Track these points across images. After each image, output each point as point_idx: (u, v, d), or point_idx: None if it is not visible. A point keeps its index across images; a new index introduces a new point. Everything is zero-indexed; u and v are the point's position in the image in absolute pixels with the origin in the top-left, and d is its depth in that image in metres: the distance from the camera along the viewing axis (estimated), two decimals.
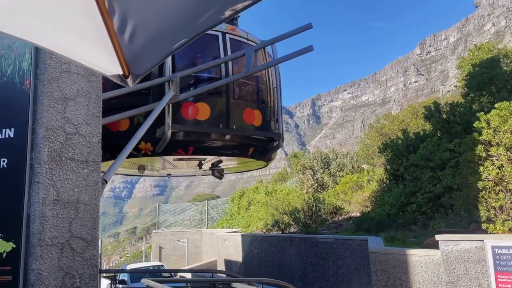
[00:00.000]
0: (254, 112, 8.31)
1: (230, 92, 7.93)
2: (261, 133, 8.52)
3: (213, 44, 7.99)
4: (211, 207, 28.48)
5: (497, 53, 16.02)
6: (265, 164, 9.78)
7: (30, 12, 1.44)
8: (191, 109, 7.58)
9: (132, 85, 1.76)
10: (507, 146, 7.69)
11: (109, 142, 7.00)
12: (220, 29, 8.07)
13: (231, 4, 1.34)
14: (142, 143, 7.42)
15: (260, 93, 8.82)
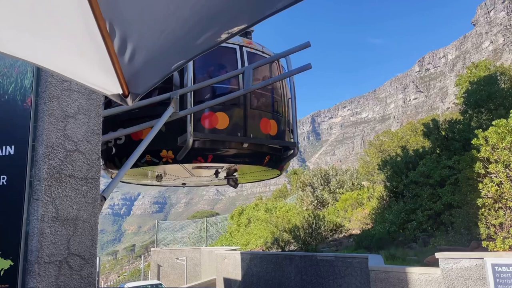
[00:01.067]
0: (270, 122, 8.59)
1: (247, 102, 8.23)
2: (277, 142, 8.77)
3: (232, 56, 8.35)
4: (210, 224, 28.31)
5: (494, 71, 16.19)
6: (278, 173, 9.96)
7: (31, 33, 1.48)
8: (211, 119, 7.87)
9: (131, 104, 1.80)
10: (506, 163, 7.71)
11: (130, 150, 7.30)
12: (237, 42, 8.46)
13: (227, 28, 1.38)
14: (163, 151, 7.69)
15: (275, 104, 9.10)
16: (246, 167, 9.13)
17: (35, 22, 1.47)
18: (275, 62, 9.08)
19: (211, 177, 9.78)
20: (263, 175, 10.39)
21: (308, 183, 23.00)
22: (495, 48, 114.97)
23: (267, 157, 8.67)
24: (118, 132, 7.45)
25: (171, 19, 1.46)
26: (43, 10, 1.42)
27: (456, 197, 10.58)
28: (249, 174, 10.09)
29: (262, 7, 1.32)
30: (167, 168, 8.82)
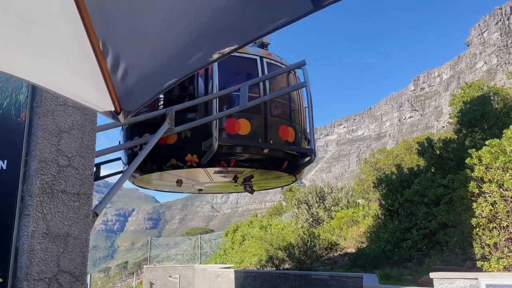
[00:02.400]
0: (288, 129, 9.00)
1: (267, 110, 8.65)
2: (295, 148, 9.13)
3: (253, 66, 8.84)
4: (204, 241, 28.02)
5: (487, 91, 16.39)
6: (293, 179, 10.26)
7: (25, 51, 1.50)
8: (234, 125, 8.24)
9: (123, 121, 1.81)
10: (499, 182, 7.74)
11: (156, 154, 7.87)
12: (258, 53, 8.98)
13: (218, 48, 1.40)
14: (188, 155, 8.01)
15: (293, 112, 9.47)
16: (263, 173, 9.49)
17: (29, 40, 1.49)
18: (291, 73, 9.60)
19: (229, 183, 10.12)
20: (278, 181, 10.71)
21: (304, 200, 22.93)
22: (489, 68, 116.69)
23: (285, 163, 9.02)
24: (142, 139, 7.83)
25: (164, 39, 1.49)
26: (37, 28, 1.43)
27: (451, 216, 10.57)
28: (265, 180, 10.38)
29: (253, 29, 1.35)
30: (187, 173, 9.13)
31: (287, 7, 1.27)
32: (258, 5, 1.28)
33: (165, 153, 8.05)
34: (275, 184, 11.26)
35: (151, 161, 8.18)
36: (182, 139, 7.96)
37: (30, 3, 1.33)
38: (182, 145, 7.93)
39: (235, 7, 1.31)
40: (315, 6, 1.22)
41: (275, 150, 8.63)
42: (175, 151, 7.90)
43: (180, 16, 1.37)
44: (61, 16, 1.40)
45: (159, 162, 8.14)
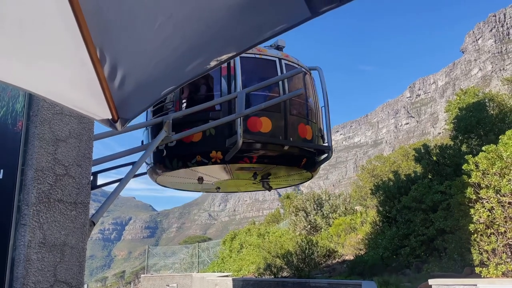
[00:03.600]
0: (306, 127, 9.39)
1: (287, 109, 9.01)
2: (314, 145, 9.58)
3: (272, 68, 9.19)
4: (202, 250, 27.86)
5: (483, 97, 16.49)
6: (310, 176, 10.69)
7: (21, 59, 1.49)
8: (256, 123, 8.58)
9: (120, 129, 1.80)
10: (496, 188, 7.76)
11: (181, 151, 8.44)
12: (277, 55, 9.36)
13: (216, 55, 1.41)
14: (213, 152, 8.37)
15: (310, 111, 9.83)
16: (281, 170, 9.89)
17: (25, 48, 1.49)
18: (307, 74, 10.08)
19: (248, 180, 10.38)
20: (295, 178, 11.02)
21: (301, 207, 22.87)
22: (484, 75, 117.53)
23: (304, 160, 9.38)
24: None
25: (162, 46, 1.49)
26: (33, 36, 1.43)
27: (449, 222, 10.56)
28: (282, 177, 10.71)
29: (250, 36, 1.35)
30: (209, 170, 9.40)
31: (285, 14, 1.28)
32: (255, 12, 1.28)
33: (191, 150, 8.44)
34: (291, 182, 11.67)
35: (177, 158, 8.61)
36: (207, 137, 8.36)
37: (26, 11, 1.33)
38: (207, 142, 8.34)
39: (232, 15, 1.31)
40: (312, 13, 1.22)
41: (295, 147, 8.98)
42: (200, 148, 8.32)
43: (177, 24, 1.38)
44: (58, 24, 1.40)
45: (184, 159, 8.53)
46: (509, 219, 7.60)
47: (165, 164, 8.86)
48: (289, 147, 8.79)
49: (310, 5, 1.21)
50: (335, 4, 1.19)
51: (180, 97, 9.05)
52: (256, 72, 9.45)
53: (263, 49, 9.35)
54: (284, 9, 1.27)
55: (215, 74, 8.90)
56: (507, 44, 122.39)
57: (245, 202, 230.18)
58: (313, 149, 9.56)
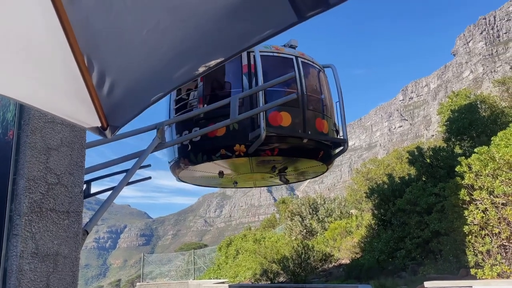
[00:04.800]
0: (323, 121, 9.87)
1: (305, 104, 9.43)
2: (332, 138, 10.14)
3: (290, 65, 9.59)
4: (198, 256, 27.71)
5: (474, 99, 16.63)
6: (325, 169, 11.08)
7: (9, 68, 1.48)
8: (277, 117, 9.03)
9: (110, 137, 1.79)
10: (489, 189, 7.80)
11: (206, 146, 8.95)
12: (294, 53, 9.79)
13: (204, 61, 1.40)
14: (237, 145, 8.77)
15: (325, 107, 10.30)
16: (298, 163, 10.32)
17: (12, 57, 1.48)
18: (321, 72, 10.53)
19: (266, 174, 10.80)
20: (311, 172, 11.49)
21: (297, 212, 22.84)
22: (475, 77, 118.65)
23: (321, 152, 9.84)
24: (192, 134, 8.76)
25: (150, 53, 1.48)
26: (20, 45, 1.42)
27: (443, 224, 10.60)
28: (299, 171, 11.13)
29: (238, 42, 1.35)
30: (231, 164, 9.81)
31: (272, 19, 1.28)
32: (242, 18, 1.28)
33: (215, 144, 8.89)
34: (307, 176, 12.19)
35: (202, 152, 9.07)
36: (231, 131, 8.78)
37: (13, 20, 1.32)
38: (231, 136, 8.78)
39: (219, 21, 1.31)
40: (299, 17, 1.23)
41: (312, 140, 9.44)
42: (224, 142, 8.76)
43: (165, 31, 1.38)
44: (45, 33, 1.40)
45: (209, 153, 8.96)
46: (503, 220, 7.65)
47: (189, 159, 9.27)
48: (307, 140, 9.25)
49: (296, 10, 1.21)
50: (321, 8, 1.19)
51: (203, 94, 9.34)
52: (275, 70, 9.77)
53: (280, 48, 9.77)
54: (271, 15, 1.27)
55: (237, 72, 9.30)
56: (497, 46, 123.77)
57: (240, 208, 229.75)
58: (329, 142, 10.04)
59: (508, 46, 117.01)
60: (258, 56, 8.93)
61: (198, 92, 9.34)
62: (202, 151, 9.06)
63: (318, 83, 10.20)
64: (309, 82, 9.84)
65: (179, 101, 9.82)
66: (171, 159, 10.01)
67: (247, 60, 9.13)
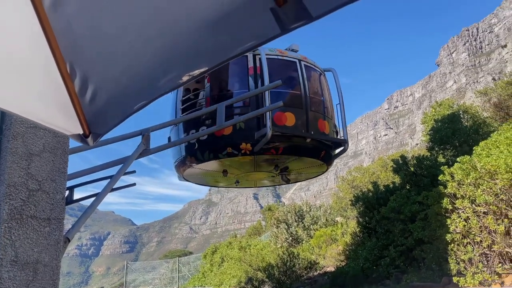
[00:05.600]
0: (324, 122, 10.23)
1: (308, 105, 9.77)
2: (333, 138, 10.50)
3: (294, 68, 10.01)
4: (182, 264, 27.44)
5: (457, 109, 16.94)
6: (325, 168, 11.43)
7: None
8: (281, 117, 9.31)
9: (92, 145, 1.77)
10: (471, 198, 7.93)
11: (213, 144, 9.21)
12: (297, 57, 10.19)
13: (188, 70, 1.41)
14: (243, 144, 9.05)
15: (326, 109, 10.66)
16: (300, 163, 10.54)
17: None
18: (322, 75, 10.90)
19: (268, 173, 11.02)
20: (312, 172, 11.69)
21: (283, 219, 22.83)
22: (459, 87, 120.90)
23: (323, 152, 10.17)
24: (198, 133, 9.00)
25: (133, 62, 1.48)
26: (2, 52, 1.41)
27: (426, 232, 10.71)
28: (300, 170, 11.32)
29: (221, 52, 1.36)
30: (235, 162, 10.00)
31: (255, 30, 1.29)
32: (225, 29, 1.29)
33: (222, 142, 9.14)
34: (307, 175, 12.41)
35: (208, 150, 9.35)
36: (237, 130, 9.10)
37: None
38: (237, 135, 9.06)
39: (203, 31, 1.32)
40: (282, 30, 1.24)
41: (315, 140, 9.74)
42: (231, 141, 9.04)
43: (148, 40, 1.38)
44: (27, 39, 1.38)
45: (216, 151, 9.23)
46: (484, 228, 7.77)
47: (196, 157, 9.53)
48: (310, 140, 9.58)
49: (279, 22, 1.22)
50: (304, 21, 1.21)
51: (211, 95, 9.56)
52: (280, 72, 10.08)
53: (284, 51, 10.13)
54: (254, 26, 1.28)
55: (243, 74, 9.61)
56: (480, 57, 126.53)
57: (226, 215, 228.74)
58: (330, 142, 10.37)
59: (490, 58, 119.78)
60: (264, 58, 9.23)
61: (205, 92, 9.62)
62: (209, 149, 9.34)
63: (319, 86, 10.58)
64: (311, 84, 10.20)
65: (185, 101, 10.09)
66: (177, 158, 10.25)
67: (253, 62, 9.47)
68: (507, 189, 7.49)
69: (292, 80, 10.01)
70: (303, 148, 9.73)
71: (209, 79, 9.59)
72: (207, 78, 9.59)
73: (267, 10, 1.19)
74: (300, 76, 9.89)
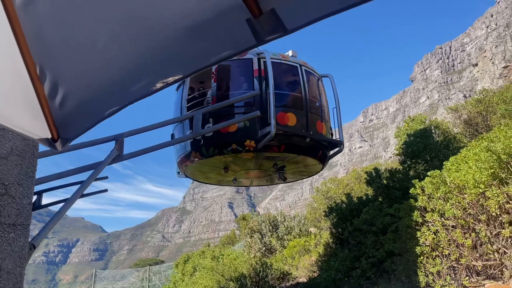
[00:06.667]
0: (322, 124, 10.76)
1: (308, 107, 10.30)
2: (331, 139, 11.09)
3: (295, 72, 10.58)
4: (153, 273, 26.91)
5: (429, 124, 17.40)
6: (321, 168, 11.92)
7: None
8: (284, 117, 9.80)
9: (61, 149, 1.73)
10: (441, 212, 8.12)
11: (218, 140, 9.62)
12: (298, 62, 10.76)
13: (162, 78, 1.39)
14: (247, 141, 9.49)
15: (323, 111, 11.21)
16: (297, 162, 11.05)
17: None
18: (320, 81, 11.50)
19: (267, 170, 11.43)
20: (307, 171, 12.22)
21: (257, 229, 22.77)
22: (431, 103, 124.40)
23: (320, 152, 10.75)
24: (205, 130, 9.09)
25: (106, 66, 1.45)
26: None
27: (397, 244, 10.89)
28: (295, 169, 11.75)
29: (196, 60, 1.35)
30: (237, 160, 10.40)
31: (231, 41, 1.29)
32: (202, 38, 1.29)
33: (227, 139, 9.59)
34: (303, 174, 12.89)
35: (214, 146, 9.73)
36: (242, 128, 9.60)
37: None
38: (242, 132, 9.57)
39: (178, 39, 1.31)
40: (258, 41, 1.25)
41: (313, 139, 10.26)
42: (236, 138, 9.52)
43: (122, 46, 1.36)
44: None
45: (220, 147, 9.64)
46: (453, 242, 7.96)
47: (201, 152, 9.91)
48: (309, 140, 10.09)
49: (255, 33, 1.23)
50: (280, 33, 1.22)
51: (217, 94, 9.97)
52: (283, 75, 10.69)
53: (286, 56, 10.73)
54: (230, 36, 1.28)
55: (249, 75, 10.05)
56: (452, 75, 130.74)
57: (200, 223, 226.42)
58: (327, 143, 10.93)
59: (462, 75, 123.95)
60: (269, 62, 9.68)
61: (212, 91, 10.08)
62: (214, 145, 9.73)
63: (317, 90, 11.16)
64: (310, 88, 10.76)
65: (191, 100, 10.55)
66: (180, 153, 10.63)
67: (257, 65, 9.96)
68: (475, 203, 7.71)
69: (294, 83, 10.63)
70: (302, 147, 10.23)
71: (215, 79, 10.08)
72: (213, 78, 10.09)
73: (242, 21, 1.19)
74: (301, 80, 10.49)
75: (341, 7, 1.05)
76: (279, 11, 1.16)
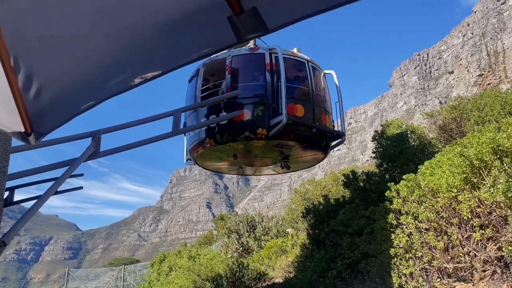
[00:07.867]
0: (326, 116, 11.48)
1: (314, 100, 10.96)
2: (335, 130, 11.80)
3: (303, 68, 11.22)
4: (128, 272, 26.52)
5: (405, 129, 17.74)
6: (322, 158, 12.71)
7: None
8: (293, 108, 10.36)
9: (34, 144, 1.68)
10: (415, 215, 8.29)
11: (231, 128, 10.21)
12: (305, 58, 11.40)
13: (141, 73, 1.37)
14: (259, 129, 10.04)
15: (327, 105, 11.88)
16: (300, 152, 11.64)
17: None
18: (323, 76, 12.11)
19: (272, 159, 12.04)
20: (310, 160, 12.82)
21: (234, 229, 22.75)
22: (408, 108, 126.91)
23: (324, 142, 11.50)
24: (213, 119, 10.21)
25: (83, 61, 1.43)
26: None
27: (372, 246, 11.05)
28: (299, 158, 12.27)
29: (176, 56, 1.34)
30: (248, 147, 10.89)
31: (212, 38, 1.29)
32: (181, 35, 1.28)
33: (241, 127, 10.11)
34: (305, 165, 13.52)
35: (227, 133, 10.25)
36: (255, 117, 10.15)
37: None
38: (255, 121, 10.08)
39: (159, 34, 1.30)
40: (238, 39, 1.24)
41: (318, 130, 10.95)
42: (249, 126, 10.05)
43: (99, 42, 1.33)
44: None
45: (234, 134, 10.17)
46: (425, 244, 8.13)
47: (215, 139, 10.45)
48: (316, 130, 10.77)
49: (236, 32, 1.23)
50: (260, 32, 1.22)
51: (231, 85, 10.46)
52: (292, 69, 11.23)
53: (295, 52, 11.38)
54: (211, 34, 1.28)
55: (261, 69, 10.60)
56: (429, 81, 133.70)
57: (178, 223, 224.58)
58: (330, 134, 11.61)
59: (438, 82, 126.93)
60: (281, 57, 10.22)
61: (226, 82, 10.62)
62: (228, 132, 10.26)
63: (322, 85, 11.85)
64: (316, 82, 11.43)
65: (204, 90, 11.10)
66: (194, 140, 11.18)
67: (269, 59, 10.51)
68: (447, 207, 7.90)
69: (302, 77, 11.32)
70: (309, 136, 10.96)
71: (230, 71, 10.64)
72: (228, 71, 10.63)
73: (224, 18, 1.19)
74: (308, 74, 11.17)
75: (322, 8, 1.06)
76: (261, 10, 1.16)
